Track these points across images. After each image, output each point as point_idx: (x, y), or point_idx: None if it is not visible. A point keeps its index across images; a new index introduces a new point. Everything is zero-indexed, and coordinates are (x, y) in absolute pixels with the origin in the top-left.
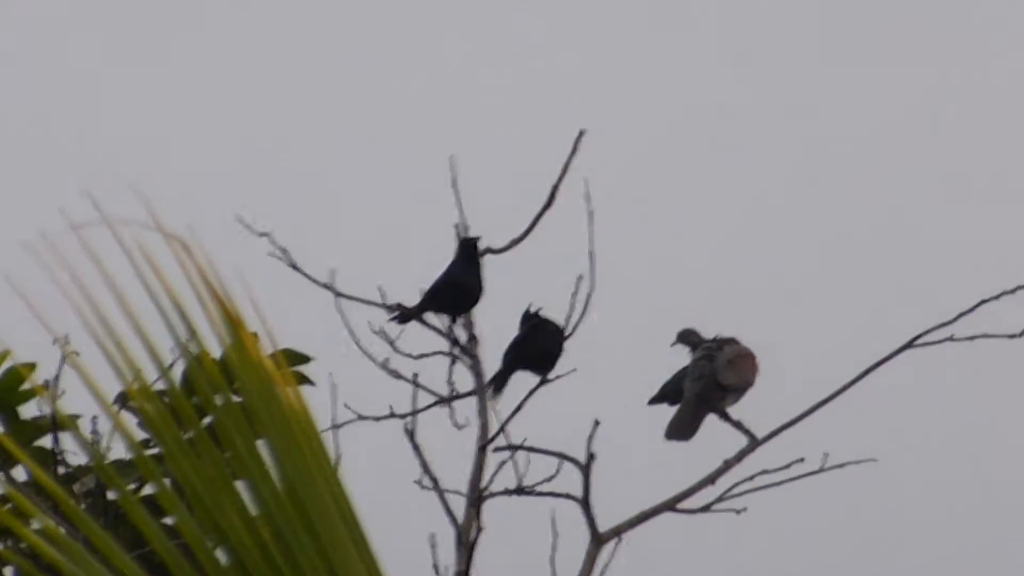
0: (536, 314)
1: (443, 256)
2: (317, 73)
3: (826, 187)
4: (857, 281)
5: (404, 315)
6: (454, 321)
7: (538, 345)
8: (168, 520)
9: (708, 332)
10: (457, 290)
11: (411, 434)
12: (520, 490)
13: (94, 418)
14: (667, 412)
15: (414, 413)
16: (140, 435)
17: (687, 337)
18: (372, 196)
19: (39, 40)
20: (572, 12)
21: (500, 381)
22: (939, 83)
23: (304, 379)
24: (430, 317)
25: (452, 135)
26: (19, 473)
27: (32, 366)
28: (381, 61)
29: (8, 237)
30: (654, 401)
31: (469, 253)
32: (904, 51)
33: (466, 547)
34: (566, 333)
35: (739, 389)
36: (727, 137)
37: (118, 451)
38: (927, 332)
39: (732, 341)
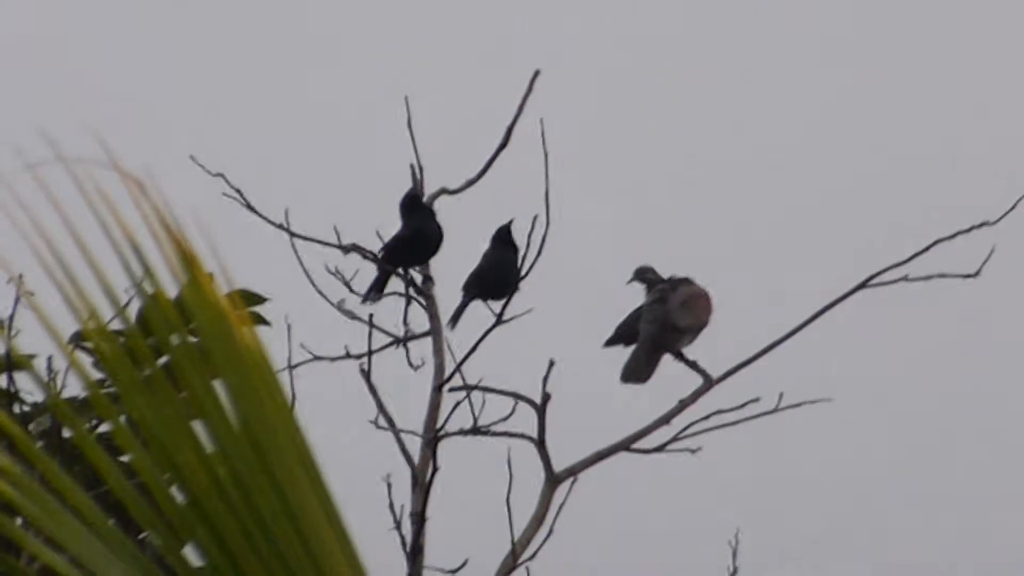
0: (508, 232)
1: (397, 196)
2: (272, 12)
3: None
4: (813, 221)
5: (378, 283)
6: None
7: (496, 273)
8: (124, 459)
9: (665, 271)
10: (419, 244)
11: (366, 374)
12: (475, 430)
13: (50, 357)
14: (623, 352)
15: (369, 353)
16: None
17: (644, 275)
18: (327, 137)
19: None
20: None
21: (457, 312)
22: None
23: (260, 319)
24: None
25: (407, 74)
26: None
27: None
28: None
29: None
30: (610, 343)
31: (419, 206)
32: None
33: (422, 487)
34: (522, 272)
35: (694, 330)
36: (688, 76)
37: (74, 390)
38: (881, 272)
39: (686, 281)
